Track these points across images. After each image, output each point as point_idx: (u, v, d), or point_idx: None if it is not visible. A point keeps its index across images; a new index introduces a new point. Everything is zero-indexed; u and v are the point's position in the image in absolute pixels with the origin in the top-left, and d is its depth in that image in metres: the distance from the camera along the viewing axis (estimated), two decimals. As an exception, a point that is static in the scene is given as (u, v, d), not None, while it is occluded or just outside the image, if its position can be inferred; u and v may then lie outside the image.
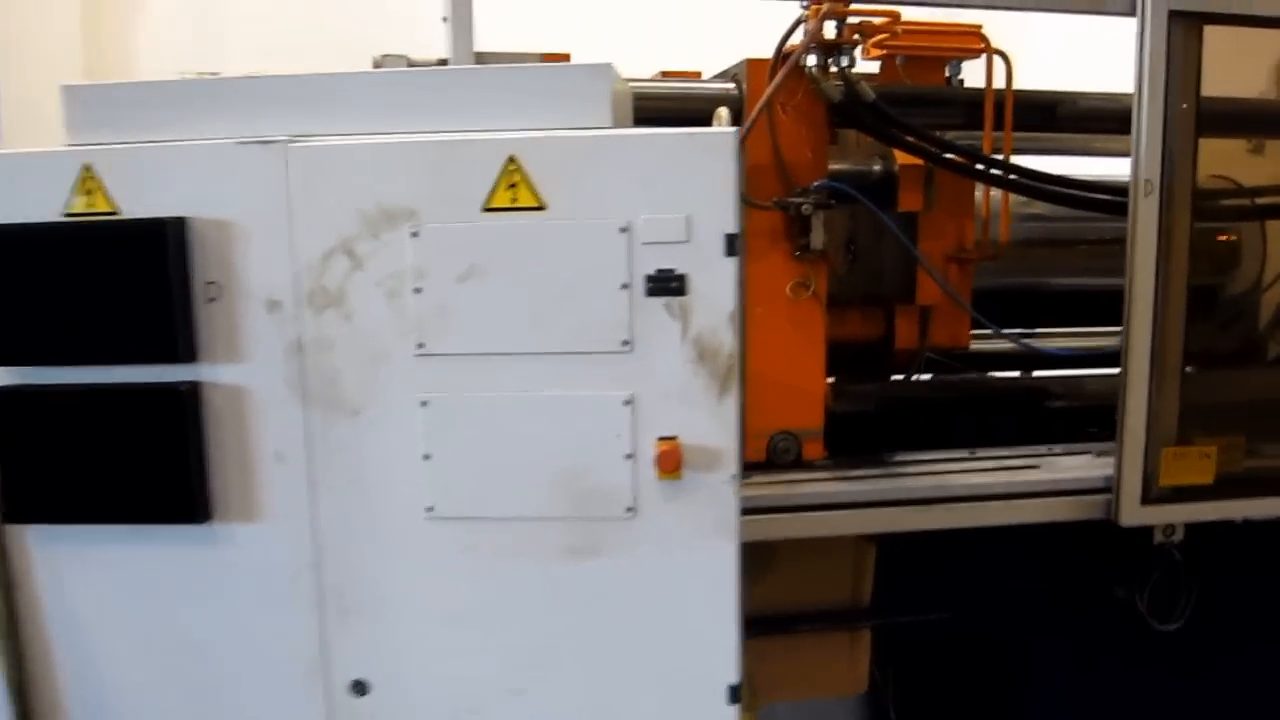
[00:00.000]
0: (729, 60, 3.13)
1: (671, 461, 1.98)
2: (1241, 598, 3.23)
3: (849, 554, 3.06)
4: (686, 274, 1.97)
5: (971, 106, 3.10)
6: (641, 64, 3.29)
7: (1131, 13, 2.76)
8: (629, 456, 2.02)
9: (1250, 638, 3.26)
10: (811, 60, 2.81)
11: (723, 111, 2.38)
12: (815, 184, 2.92)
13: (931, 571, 3.12)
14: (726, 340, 1.98)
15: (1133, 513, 2.87)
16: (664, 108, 3.02)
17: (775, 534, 2.80)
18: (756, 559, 2.96)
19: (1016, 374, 3.98)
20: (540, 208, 1.96)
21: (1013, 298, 3.64)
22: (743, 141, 2.82)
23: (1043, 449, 3.27)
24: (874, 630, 3.14)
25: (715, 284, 1.97)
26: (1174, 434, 2.90)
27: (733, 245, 1.96)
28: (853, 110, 2.85)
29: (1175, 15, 2.74)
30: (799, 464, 3.05)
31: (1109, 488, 2.90)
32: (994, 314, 3.68)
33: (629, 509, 2.04)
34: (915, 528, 2.86)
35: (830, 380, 3.73)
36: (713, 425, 2.00)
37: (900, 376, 3.91)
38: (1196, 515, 2.92)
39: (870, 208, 3.01)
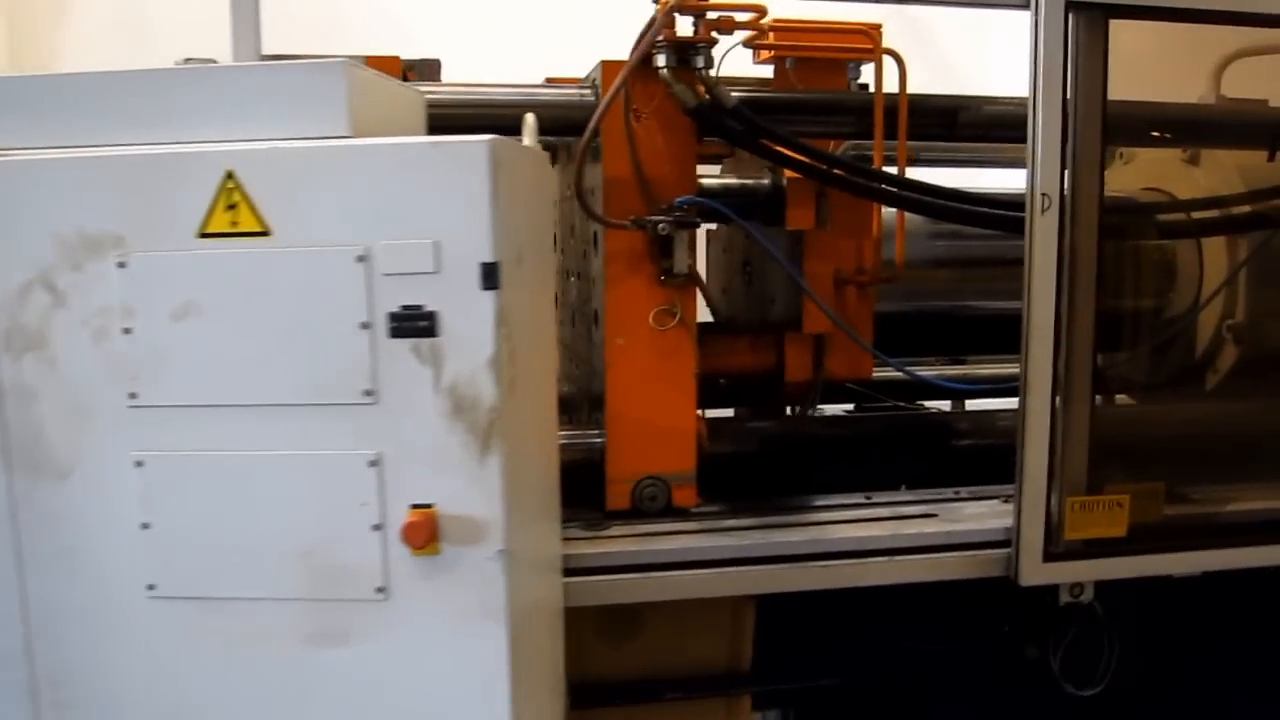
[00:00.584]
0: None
1: (420, 534, 1.66)
2: (1169, 658, 2.89)
3: (725, 612, 2.73)
4: (437, 311, 1.65)
5: (864, 113, 2.78)
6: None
7: (1025, 5, 2.43)
8: (377, 528, 1.70)
9: (1179, 704, 2.93)
10: (662, 61, 2.49)
11: (529, 118, 2.07)
12: (679, 200, 2.61)
13: (821, 630, 2.79)
14: (486, 390, 1.66)
15: (1034, 570, 2.54)
16: (515, 116, 2.72)
17: (623, 597, 2.49)
18: (620, 617, 2.65)
19: (944, 405, 3.68)
20: (264, 233, 1.65)
21: (932, 323, 3.34)
22: (585, 152, 2.54)
23: (949, 492, 2.95)
24: (755, 697, 2.81)
25: (471, 323, 1.65)
26: (1082, 479, 2.56)
27: (491, 277, 1.64)
28: (711, 117, 2.53)
29: (1076, 7, 2.42)
30: (669, 512, 2.74)
31: (1009, 541, 2.57)
32: (912, 341, 3.39)
33: (379, 589, 1.72)
34: (787, 588, 2.54)
35: (723, 415, 3.43)
36: (474, 491, 1.69)
37: (820, 410, 3.68)
38: (1107, 573, 2.59)
39: (743, 226, 2.70)
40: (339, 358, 1.67)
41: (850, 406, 3.75)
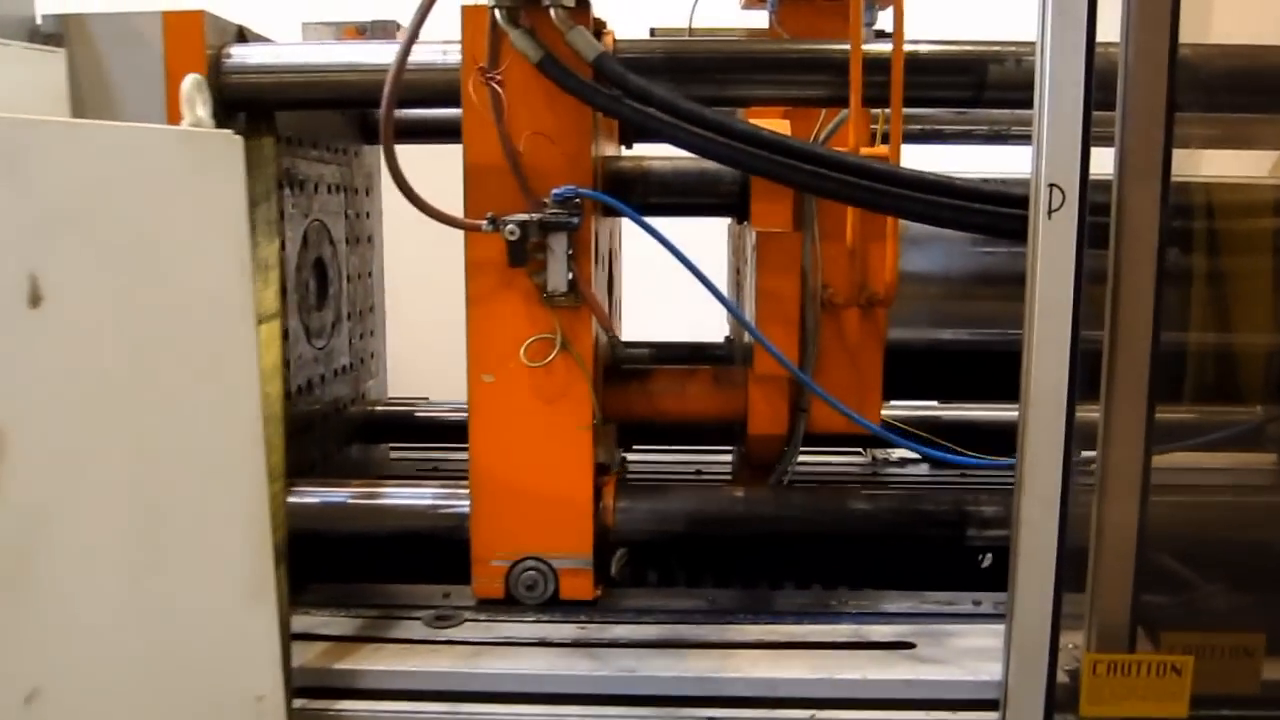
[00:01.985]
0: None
1: None
2: None
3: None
4: None
5: (841, 70, 1.97)
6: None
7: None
8: None
9: None
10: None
11: (187, 82, 1.44)
12: (555, 191, 1.91)
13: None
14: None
15: (1027, 759, 1.67)
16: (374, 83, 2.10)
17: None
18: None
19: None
20: None
21: (983, 357, 2.44)
22: (387, 126, 1.87)
23: (967, 601, 2.10)
24: None
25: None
26: (1121, 621, 1.67)
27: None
28: (564, 74, 1.81)
29: (1117, -111, 1.53)
30: (555, 604, 2.06)
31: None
32: (961, 381, 2.53)
33: None
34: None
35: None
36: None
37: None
38: (1152, 772, 1.68)
39: (641, 225, 1.95)
40: None
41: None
